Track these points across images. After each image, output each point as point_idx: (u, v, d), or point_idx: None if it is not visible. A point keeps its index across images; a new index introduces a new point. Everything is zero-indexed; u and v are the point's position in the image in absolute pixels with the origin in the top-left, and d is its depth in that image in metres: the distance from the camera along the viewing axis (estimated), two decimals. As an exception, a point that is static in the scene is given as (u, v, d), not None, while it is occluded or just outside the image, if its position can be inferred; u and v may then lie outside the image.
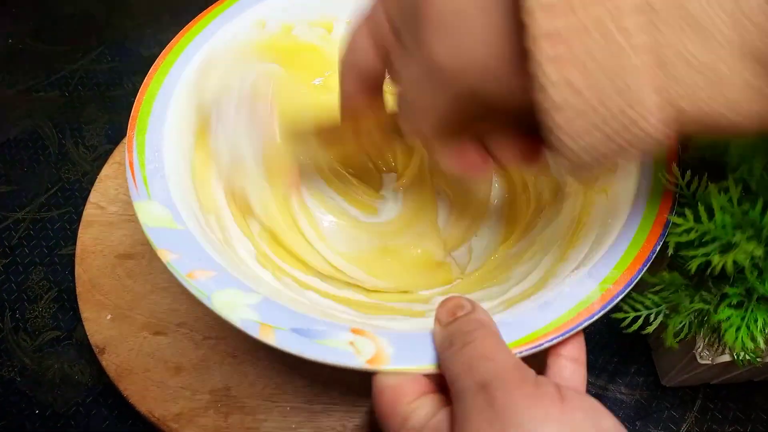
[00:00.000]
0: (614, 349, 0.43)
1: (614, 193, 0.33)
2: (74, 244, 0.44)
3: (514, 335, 0.27)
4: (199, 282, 0.28)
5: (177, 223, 0.31)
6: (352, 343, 0.27)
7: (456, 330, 0.25)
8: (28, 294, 0.46)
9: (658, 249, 0.29)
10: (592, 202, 0.35)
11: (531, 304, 0.29)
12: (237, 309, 0.27)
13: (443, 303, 0.27)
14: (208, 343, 0.39)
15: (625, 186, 0.33)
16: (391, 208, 0.41)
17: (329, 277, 0.36)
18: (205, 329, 0.40)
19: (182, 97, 0.36)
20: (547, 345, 0.26)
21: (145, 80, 0.36)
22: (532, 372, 0.23)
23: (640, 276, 0.29)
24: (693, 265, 0.29)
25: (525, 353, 0.26)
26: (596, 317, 0.27)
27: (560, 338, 0.27)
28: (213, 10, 0.40)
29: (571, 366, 0.26)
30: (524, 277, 0.34)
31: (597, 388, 0.42)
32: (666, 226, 0.30)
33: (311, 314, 0.28)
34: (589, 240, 0.32)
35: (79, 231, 0.44)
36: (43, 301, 0.45)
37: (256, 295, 0.28)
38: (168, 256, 0.29)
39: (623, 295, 0.28)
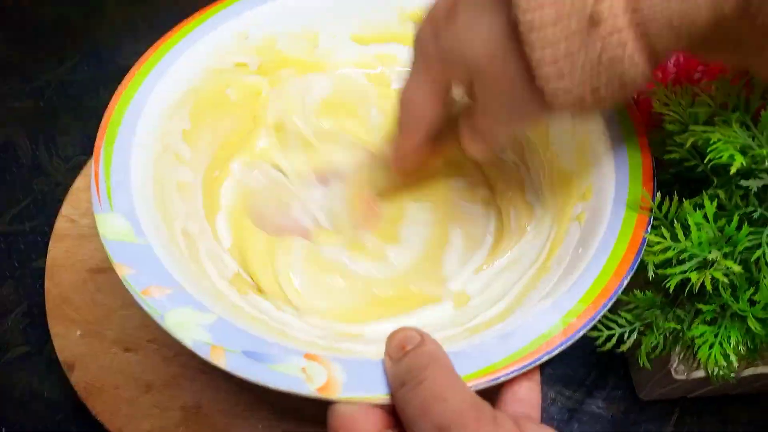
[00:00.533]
0: (592, 362, 0.43)
1: (587, 222, 0.33)
2: (45, 257, 0.43)
3: (472, 367, 0.26)
4: (154, 299, 0.28)
5: (137, 236, 0.30)
6: (303, 369, 0.26)
7: (407, 367, 0.24)
8: (-2, 309, 0.45)
9: (625, 283, 0.29)
10: (565, 229, 0.35)
11: (493, 334, 0.28)
12: (190, 329, 0.27)
13: (391, 336, 0.26)
14: (179, 359, 0.39)
15: (597, 215, 0.32)
16: (403, 252, 0.39)
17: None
18: (177, 345, 0.38)
19: (156, 108, 0.35)
20: (504, 379, 0.26)
21: (118, 89, 0.35)
22: (488, 408, 0.23)
23: (605, 310, 0.28)
24: (672, 284, 0.29)
25: (482, 386, 0.25)
26: (556, 351, 0.27)
27: (518, 372, 0.26)
28: (193, 20, 0.39)
29: (526, 383, 0.26)
30: (493, 303, 0.34)
31: (574, 402, 0.42)
32: (635, 259, 0.30)
33: (266, 336, 0.27)
34: (559, 268, 0.32)
35: (50, 244, 0.43)
36: (13, 315, 0.44)
37: (210, 315, 0.28)
38: (124, 270, 0.28)
39: (586, 329, 0.28)
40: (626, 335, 0.32)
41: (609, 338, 0.32)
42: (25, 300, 0.45)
